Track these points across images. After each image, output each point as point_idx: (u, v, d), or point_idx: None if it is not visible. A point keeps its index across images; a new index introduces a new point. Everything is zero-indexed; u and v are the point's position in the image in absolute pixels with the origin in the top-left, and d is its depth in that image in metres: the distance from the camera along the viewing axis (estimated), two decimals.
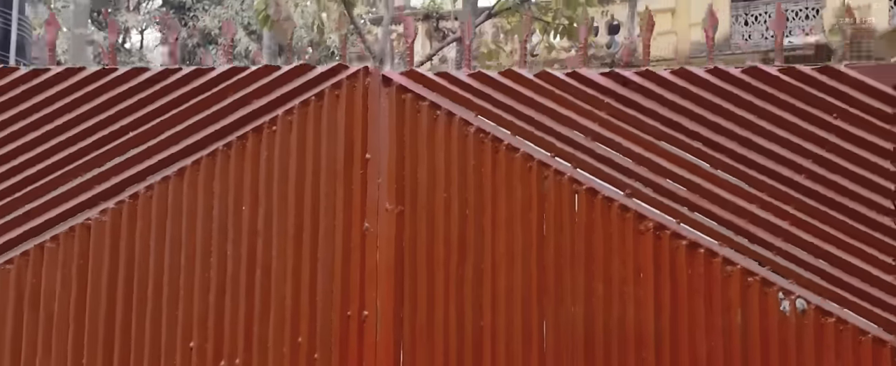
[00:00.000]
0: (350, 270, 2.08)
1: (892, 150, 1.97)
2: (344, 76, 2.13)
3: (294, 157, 2.12)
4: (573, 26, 9.88)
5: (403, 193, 2.09)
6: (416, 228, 2.08)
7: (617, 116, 2.08)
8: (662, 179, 2.05)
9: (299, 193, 2.11)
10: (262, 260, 2.09)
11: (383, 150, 2.11)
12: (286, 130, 2.12)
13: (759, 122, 2.03)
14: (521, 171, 2.07)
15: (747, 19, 14.25)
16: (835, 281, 1.97)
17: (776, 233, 2.00)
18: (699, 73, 2.07)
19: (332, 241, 2.09)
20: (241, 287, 2.08)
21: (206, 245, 2.09)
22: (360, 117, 2.12)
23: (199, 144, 2.12)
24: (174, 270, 2.09)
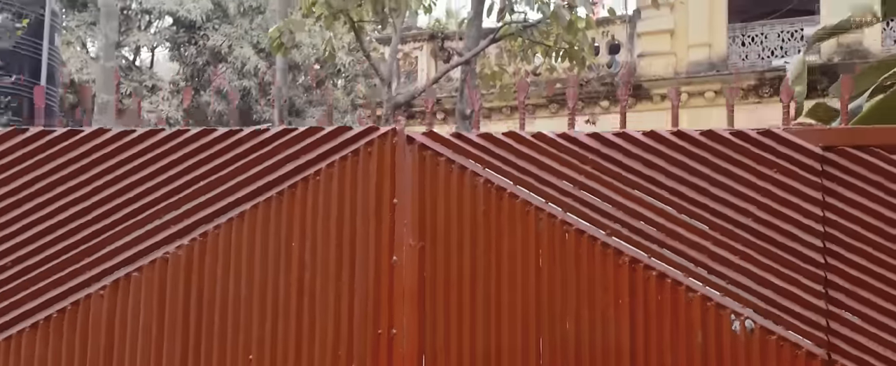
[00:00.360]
0: (381, 295, 2.57)
1: (820, 199, 2.46)
2: (376, 136, 2.63)
3: (335, 202, 2.61)
4: (574, 49, 10.37)
5: (425, 232, 2.59)
6: (436, 261, 2.57)
7: (599, 169, 2.57)
8: (636, 221, 2.54)
9: (339, 232, 2.60)
10: (309, 288, 2.58)
11: (408, 196, 2.60)
12: (328, 180, 2.62)
13: (714, 174, 2.52)
14: (521, 214, 2.57)
15: (744, 40, 14.76)
16: (776, 305, 2.46)
17: (728, 266, 2.49)
18: (665, 135, 2.56)
19: (366, 271, 2.58)
20: (292, 311, 2.57)
21: (263, 276, 2.58)
22: (389, 170, 2.61)
23: (257, 192, 2.62)
24: (237, 298, 2.58)
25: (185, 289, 2.59)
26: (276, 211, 2.61)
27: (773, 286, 2.46)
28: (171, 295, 2.59)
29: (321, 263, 2.58)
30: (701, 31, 14.74)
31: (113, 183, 2.60)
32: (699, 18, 14.73)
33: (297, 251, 2.59)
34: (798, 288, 2.45)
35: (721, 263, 2.49)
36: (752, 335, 2.46)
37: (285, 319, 2.57)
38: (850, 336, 2.43)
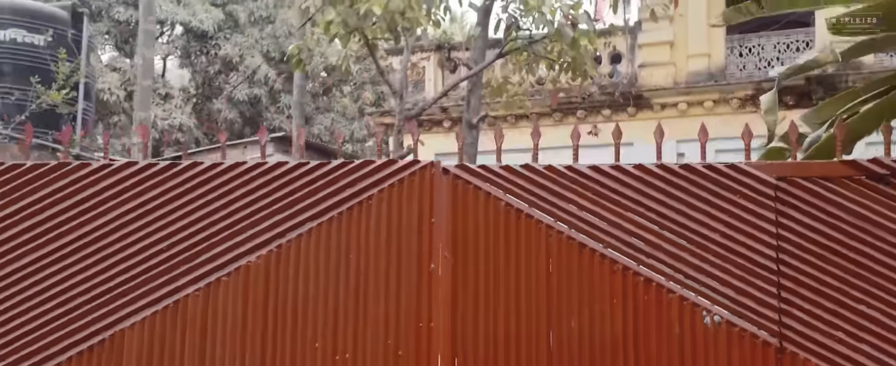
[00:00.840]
0: (421, 296, 3.24)
1: (773, 219, 3.13)
2: (417, 168, 3.31)
3: (384, 221, 3.28)
4: (577, 62, 11.01)
5: (457, 245, 3.26)
6: (465, 269, 3.24)
7: (598, 194, 3.24)
8: (628, 236, 3.21)
9: (388, 245, 3.27)
10: (364, 290, 3.25)
11: (443, 217, 3.27)
12: (379, 203, 3.29)
13: (690, 199, 3.19)
14: (535, 230, 3.24)
15: (741, 51, 15.43)
16: (738, 303, 3.13)
17: (701, 272, 3.16)
18: (651, 168, 3.23)
19: (409, 276, 3.25)
20: (350, 308, 3.24)
21: (326, 280, 3.25)
22: (428, 195, 3.29)
23: (323, 212, 3.29)
24: (305, 297, 3.25)
25: (263, 290, 3.26)
26: (338, 228, 3.28)
27: (736, 289, 3.13)
28: (253, 295, 3.26)
29: (373, 270, 3.25)
30: (700, 42, 15.40)
31: (209, 204, 3.27)
32: (698, 30, 15.38)
33: (354, 261, 3.26)
34: (756, 290, 3.12)
35: (695, 270, 3.16)
36: (720, 328, 3.13)
37: (345, 314, 3.24)
38: (797, 328, 3.09)
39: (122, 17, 18.37)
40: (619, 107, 15.86)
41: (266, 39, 19.09)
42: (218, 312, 3.26)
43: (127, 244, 3.29)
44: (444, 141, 16.02)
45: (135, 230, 3.30)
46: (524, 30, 10.91)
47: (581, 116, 15.72)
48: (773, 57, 15.33)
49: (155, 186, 3.32)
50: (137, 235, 3.30)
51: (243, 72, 18.81)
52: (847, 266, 3.08)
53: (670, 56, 15.65)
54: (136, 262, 3.28)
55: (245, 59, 18.77)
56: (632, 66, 15.97)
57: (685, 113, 15.31)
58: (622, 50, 15.93)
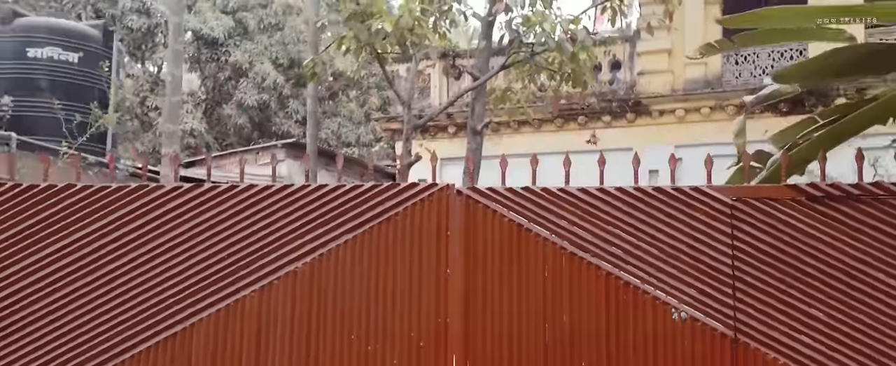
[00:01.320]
0: (439, 296, 3.97)
1: (730, 232, 3.85)
2: (435, 190, 4.03)
3: (408, 234, 4.01)
4: (577, 73, 11.72)
5: (469, 254, 3.98)
6: (476, 273, 3.97)
7: (586, 212, 3.96)
8: (610, 246, 3.93)
9: (411, 254, 3.99)
10: (392, 290, 3.97)
11: (457, 230, 4.00)
12: (404, 219, 4.02)
13: (662, 216, 3.91)
14: (533, 242, 3.96)
15: (737, 59, 16.14)
16: (701, 302, 3.85)
17: (671, 277, 3.88)
18: (631, 190, 3.95)
19: (429, 280, 3.98)
20: (380, 305, 3.96)
21: (360, 281, 3.98)
22: (444, 212, 4.01)
23: (357, 226, 4.02)
24: (342, 296, 3.98)
25: (308, 292, 3.99)
26: (369, 240, 4.01)
27: (698, 290, 3.85)
28: (299, 296, 3.99)
29: (400, 275, 3.98)
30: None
31: (262, 219, 4.01)
32: (695, 39, 16.08)
33: (383, 267, 3.99)
34: (715, 291, 3.84)
35: (665, 274, 3.88)
36: (686, 322, 3.85)
37: (375, 311, 3.96)
38: (749, 322, 3.81)
39: (134, 25, 19.10)
40: (619, 113, 16.53)
41: (275, 46, 19.81)
42: (271, 310, 3.99)
43: (193, 254, 4.03)
44: (448, 146, 16.78)
45: (200, 242, 4.03)
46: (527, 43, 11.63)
47: (581, 123, 16.41)
48: (767, 65, 16.03)
49: (217, 204, 4.05)
50: (202, 246, 4.03)
51: (252, 78, 19.53)
52: (790, 271, 3.80)
53: (668, 64, 16.36)
54: (202, 268, 4.01)
55: (254, 66, 19.49)
56: (631, 73, 16.68)
57: (682, 119, 16.02)
58: (621, 58, 16.66)
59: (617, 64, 16.86)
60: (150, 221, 4.03)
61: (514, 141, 16.59)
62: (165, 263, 4.01)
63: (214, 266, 4.02)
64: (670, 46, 16.19)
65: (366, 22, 10.48)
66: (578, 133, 16.53)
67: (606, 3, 11.97)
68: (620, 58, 16.57)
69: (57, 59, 9.47)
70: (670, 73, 16.29)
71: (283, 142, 14.75)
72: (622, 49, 16.52)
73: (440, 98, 17.96)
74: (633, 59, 16.57)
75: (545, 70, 12.02)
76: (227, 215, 4.05)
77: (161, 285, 4.00)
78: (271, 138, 20.13)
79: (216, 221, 4.05)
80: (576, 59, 11.19)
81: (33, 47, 9.32)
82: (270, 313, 3.98)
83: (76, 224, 4.04)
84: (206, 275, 4.01)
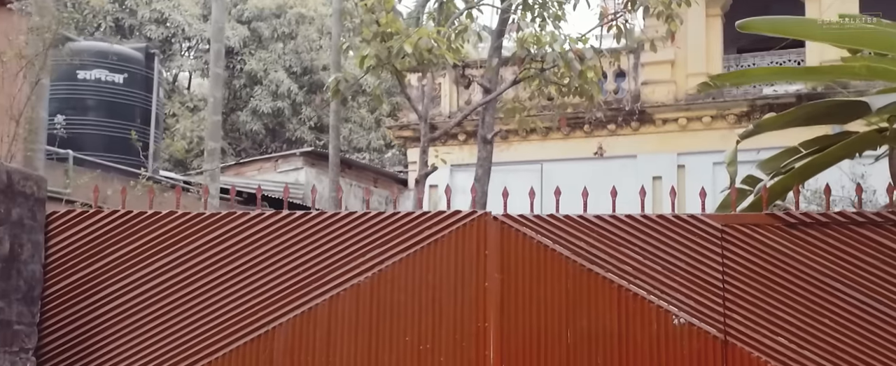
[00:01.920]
0: (479, 304, 4.86)
1: (720, 252, 4.74)
2: (475, 217, 4.93)
3: (452, 253, 4.90)
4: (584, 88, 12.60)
5: (504, 269, 4.87)
6: (509, 285, 4.86)
7: (599, 233, 4.85)
8: (621, 263, 4.82)
9: (455, 269, 4.88)
10: (438, 299, 4.86)
11: (494, 250, 4.89)
12: (449, 240, 4.91)
13: (662, 238, 4.80)
14: (556, 259, 4.85)
15: (737, 69, 17.01)
16: (696, 310, 4.74)
17: (672, 289, 4.77)
18: (637, 217, 4.84)
19: (471, 290, 4.87)
20: (429, 312, 4.85)
21: (412, 292, 4.87)
22: (483, 234, 4.90)
23: (410, 246, 4.91)
24: (397, 303, 4.87)
25: (369, 301, 4.88)
26: (421, 258, 4.90)
27: (695, 300, 4.74)
28: (362, 304, 4.88)
29: (446, 287, 4.87)
30: (699, 61, 17.00)
31: (331, 240, 4.90)
32: (697, 50, 16.99)
33: (432, 280, 4.88)
34: (708, 300, 4.73)
35: (667, 287, 4.77)
36: (683, 326, 4.74)
37: (426, 317, 4.86)
38: (736, 326, 4.71)
39: (152, 35, 19.96)
40: (624, 122, 17.42)
41: (288, 55, 20.68)
42: (338, 316, 4.88)
43: (274, 269, 4.92)
44: (459, 153, 17.70)
45: (280, 259, 4.93)
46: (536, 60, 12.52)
47: (587, 131, 17.30)
48: None
49: (293, 228, 4.95)
50: (281, 262, 4.93)
51: (267, 85, 20.40)
52: (769, 284, 4.69)
53: (671, 74, 17.25)
54: (281, 281, 4.91)
55: (269, 74, 20.37)
56: (635, 83, 17.58)
57: (685, 128, 16.91)
58: (626, 68, 17.55)
59: (622, 74, 17.74)
60: (238, 242, 4.93)
61: (523, 148, 17.50)
62: (251, 277, 4.90)
63: (291, 280, 4.91)
64: (673, 58, 17.07)
65: (386, 42, 11.36)
66: (585, 141, 17.44)
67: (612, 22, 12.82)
68: (625, 68, 17.46)
69: (104, 81, 10.36)
70: (673, 84, 17.18)
71: (301, 151, 15.63)
72: (627, 60, 17.40)
73: (451, 106, 18.84)
74: (638, 70, 17.46)
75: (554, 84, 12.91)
76: (302, 237, 4.94)
77: (248, 295, 4.90)
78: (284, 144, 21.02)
79: (292, 242, 4.94)
80: (583, 76, 12.07)
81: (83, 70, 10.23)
82: (338, 319, 4.88)
83: (176, 244, 4.94)
84: (284, 287, 4.91)
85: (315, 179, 16.15)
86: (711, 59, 17.02)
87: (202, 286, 4.91)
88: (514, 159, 17.27)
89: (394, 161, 20.40)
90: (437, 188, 17.59)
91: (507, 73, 15.79)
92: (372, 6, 11.67)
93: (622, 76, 17.77)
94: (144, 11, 19.84)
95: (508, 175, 17.28)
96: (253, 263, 4.93)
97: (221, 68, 9.65)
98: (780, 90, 16.37)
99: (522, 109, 14.36)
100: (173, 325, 4.89)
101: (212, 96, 9.30)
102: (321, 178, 16.14)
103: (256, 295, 4.91)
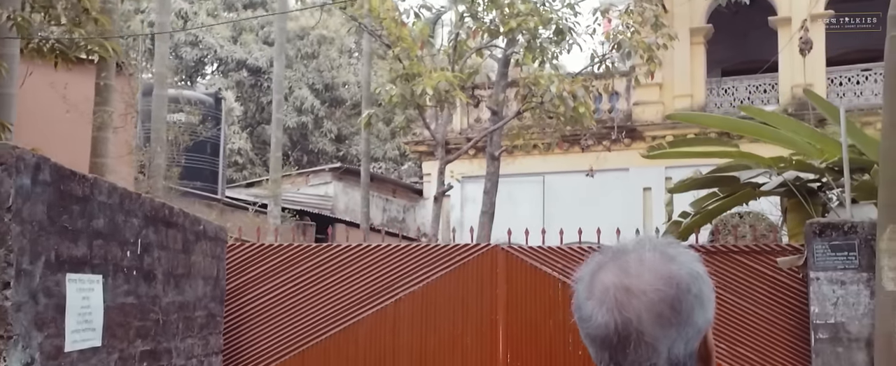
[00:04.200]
0: (492, 304, 7.76)
1: None
2: (489, 248, 7.83)
3: (474, 272, 7.80)
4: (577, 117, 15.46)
5: (509, 284, 7.76)
6: (513, 295, 7.75)
7: (572, 258, 7.74)
8: None
9: (475, 285, 7.78)
10: (464, 305, 7.76)
11: (502, 271, 7.78)
12: (469, 265, 7.80)
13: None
14: (543, 275, 7.73)
15: (718, 92, 19.88)
16: None
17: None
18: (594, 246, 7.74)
19: (485, 296, 7.76)
20: (459, 314, 7.75)
21: (445, 300, 7.77)
22: (495, 259, 7.80)
23: (444, 267, 7.80)
24: (434, 308, 7.77)
25: (420, 303, 7.78)
26: (450, 278, 7.80)
27: None
28: (414, 304, 7.78)
29: (469, 294, 7.77)
30: (684, 84, 19.85)
31: (392, 263, 7.81)
32: (683, 74, 19.83)
33: (461, 290, 7.78)
34: None
35: None
36: None
37: (457, 312, 7.75)
38: None
39: (187, 56, 22.82)
40: (617, 138, 20.26)
41: (311, 73, 23.55)
42: (400, 313, 7.79)
43: (356, 282, 7.82)
44: (468, 166, 20.61)
45: (361, 275, 7.82)
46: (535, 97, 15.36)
47: (584, 147, 20.15)
48: (744, 97, 19.75)
49: (369, 254, 7.84)
50: (362, 277, 7.82)
51: (292, 102, 23.27)
52: None
53: (659, 96, 20.10)
54: (361, 290, 7.81)
55: (293, 91, 23.24)
56: (628, 103, 20.43)
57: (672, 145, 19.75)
58: (619, 90, 20.39)
59: (615, 95, 20.58)
60: (333, 263, 7.83)
61: (525, 162, 20.39)
62: (342, 287, 7.81)
63: (368, 288, 7.81)
64: (661, 81, 19.92)
65: (411, 83, 14.25)
66: (582, 156, 20.31)
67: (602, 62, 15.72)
68: (618, 90, 20.30)
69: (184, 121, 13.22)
70: (661, 104, 20.04)
71: (330, 166, 18.52)
72: (620, 82, 20.25)
73: (461, 122, 21.72)
74: (630, 92, 20.31)
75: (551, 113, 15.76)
76: (375, 260, 7.84)
77: (340, 299, 7.80)
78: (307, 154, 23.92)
79: (369, 263, 7.84)
80: (577, 110, 14.94)
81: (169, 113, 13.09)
82: (400, 315, 7.78)
83: (293, 265, 7.84)
84: (364, 294, 7.81)
85: (342, 191, 19.07)
86: (695, 82, 19.87)
87: (311, 293, 7.82)
88: (520, 172, 20.16)
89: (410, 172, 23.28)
90: (450, 198, 20.50)
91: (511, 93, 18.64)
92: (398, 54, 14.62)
93: (616, 97, 20.61)
94: (180, 35, 22.70)
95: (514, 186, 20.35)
96: (343, 277, 7.83)
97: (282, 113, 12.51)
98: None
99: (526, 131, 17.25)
100: (292, 318, 7.80)
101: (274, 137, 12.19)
102: (347, 190, 19.05)
103: (346, 299, 7.81)
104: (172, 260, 5.63)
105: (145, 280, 5.08)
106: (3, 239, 3.44)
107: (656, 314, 1.23)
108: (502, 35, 15.26)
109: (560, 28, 14.78)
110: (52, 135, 9.36)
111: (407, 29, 14.49)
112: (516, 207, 19.55)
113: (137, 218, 4.91)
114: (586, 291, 1.37)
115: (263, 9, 23.52)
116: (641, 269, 1.28)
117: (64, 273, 3.96)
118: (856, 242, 6.57)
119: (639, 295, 1.25)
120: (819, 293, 6.70)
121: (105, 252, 4.43)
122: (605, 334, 1.26)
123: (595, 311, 1.30)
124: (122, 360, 4.68)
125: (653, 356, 1.21)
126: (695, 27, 19.71)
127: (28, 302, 3.60)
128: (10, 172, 3.45)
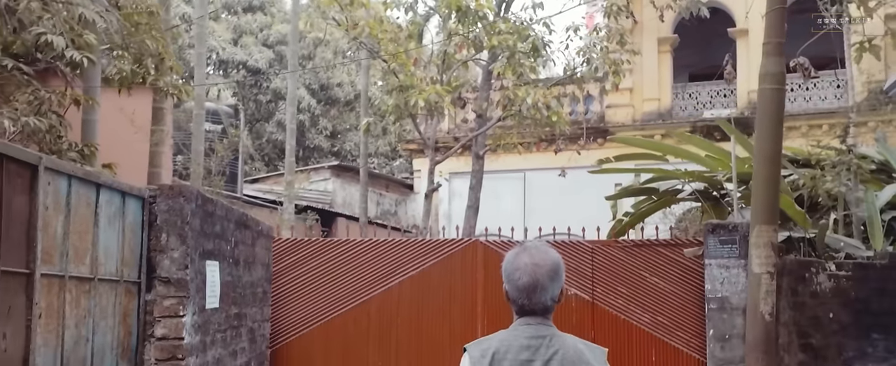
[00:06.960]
0: (474, 286, 10.62)
1: (591, 260, 10.52)
2: (471, 242, 10.69)
3: (459, 261, 10.65)
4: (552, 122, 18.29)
5: (486, 271, 10.63)
6: (489, 279, 10.62)
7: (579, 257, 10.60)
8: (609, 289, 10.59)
9: (462, 269, 10.64)
10: (451, 288, 10.62)
11: (480, 261, 10.64)
12: (454, 256, 10.66)
13: (568, 251, 10.57)
14: None
15: (683, 96, 22.81)
16: (579, 286, 10.52)
17: (570, 278, 10.55)
18: (559, 242, 10.61)
19: (469, 280, 10.63)
20: (447, 291, 10.62)
21: (438, 283, 10.63)
22: (475, 251, 10.65)
23: (437, 256, 10.65)
24: (429, 289, 10.63)
25: (419, 284, 10.64)
26: (440, 266, 10.65)
27: (578, 282, 10.52)
28: (413, 286, 10.64)
29: (457, 279, 10.63)
30: (653, 88, 22.74)
31: (397, 253, 10.66)
32: (651, 79, 22.71)
33: (449, 275, 10.63)
34: (586, 282, 10.51)
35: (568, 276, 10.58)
36: (572, 296, 10.51)
37: (445, 292, 10.61)
38: (600, 295, 10.48)
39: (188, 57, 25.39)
40: (591, 138, 23.13)
41: (308, 74, 26.25)
42: (403, 292, 10.64)
43: (370, 268, 10.66)
44: (455, 164, 23.47)
45: (373, 263, 10.66)
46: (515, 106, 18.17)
47: (561, 146, 23.03)
48: (707, 101, 22.67)
49: (379, 247, 10.68)
50: (373, 264, 10.66)
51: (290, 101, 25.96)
52: (614, 274, 10.44)
53: (630, 99, 22.99)
54: (371, 273, 10.65)
55: None
56: (601, 106, 23.30)
57: None
58: (594, 93, 23.24)
59: (590, 97, 23.42)
60: (348, 254, 10.65)
61: (506, 159, 23.23)
62: (357, 272, 10.64)
63: (378, 273, 10.64)
64: (632, 86, 22.82)
65: (404, 94, 17.04)
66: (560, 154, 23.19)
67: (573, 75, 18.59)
68: (593, 93, 23.15)
69: (208, 130, 15.90)
70: (631, 107, 22.95)
71: (329, 164, 21.29)
72: (594, 86, 23.09)
73: (448, 123, 24.50)
74: (603, 96, 23.18)
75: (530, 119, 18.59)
76: (383, 251, 10.67)
77: (356, 281, 10.64)
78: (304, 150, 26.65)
79: (379, 254, 10.67)
80: (549, 118, 17.80)
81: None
82: (403, 294, 10.62)
83: (318, 254, 10.66)
84: (375, 277, 10.64)
85: (340, 187, 21.87)
86: (662, 87, 22.77)
87: (333, 276, 10.65)
88: (502, 168, 23.00)
89: (401, 168, 26.07)
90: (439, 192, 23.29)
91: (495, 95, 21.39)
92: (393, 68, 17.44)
93: (590, 100, 23.46)
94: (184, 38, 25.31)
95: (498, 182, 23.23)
96: (358, 264, 10.66)
97: (294, 124, 15.25)
98: (715, 114, 22.11)
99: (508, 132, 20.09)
100: (319, 295, 10.63)
101: (288, 145, 14.96)
102: (345, 186, 21.86)
103: (360, 281, 10.65)
104: (247, 251, 8.46)
105: (235, 265, 7.91)
106: (185, 240, 6.26)
107: (548, 276, 2.90)
108: (486, 49, 18.06)
109: (535, 45, 17.55)
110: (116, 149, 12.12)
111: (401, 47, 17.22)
112: (499, 201, 22.44)
113: (232, 223, 7.73)
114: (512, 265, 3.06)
115: (263, 13, 26.14)
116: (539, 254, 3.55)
117: (204, 260, 6.77)
118: (737, 237, 9.47)
119: (541, 266, 2.88)
120: (711, 275, 9.61)
121: (220, 247, 7.24)
122: (525, 285, 2.89)
123: (520, 275, 2.93)
124: (227, 317, 7.51)
125: (545, 296, 2.86)
126: (662, 37, 22.57)
127: (194, 278, 6.41)
128: (188, 200, 6.25)
